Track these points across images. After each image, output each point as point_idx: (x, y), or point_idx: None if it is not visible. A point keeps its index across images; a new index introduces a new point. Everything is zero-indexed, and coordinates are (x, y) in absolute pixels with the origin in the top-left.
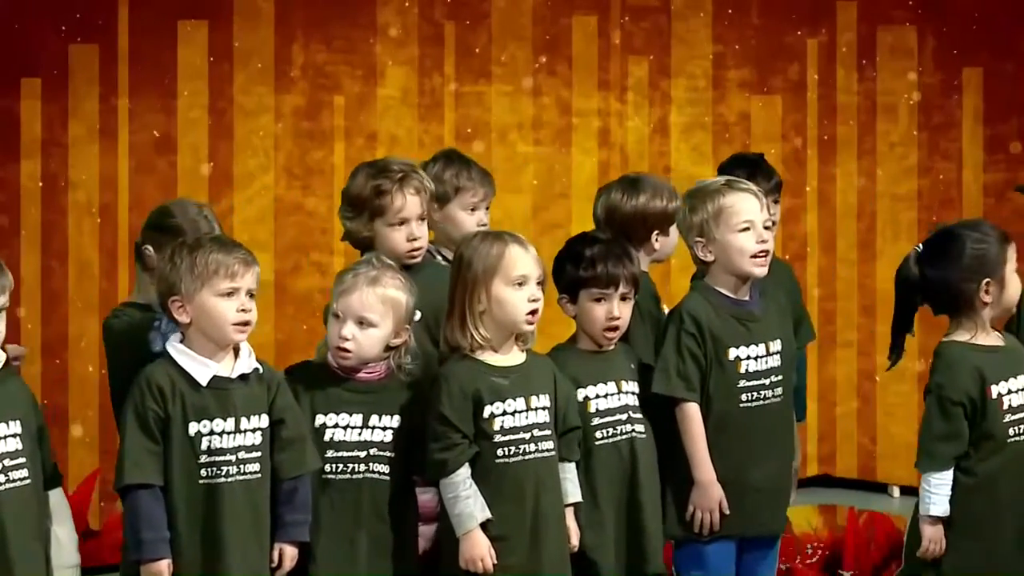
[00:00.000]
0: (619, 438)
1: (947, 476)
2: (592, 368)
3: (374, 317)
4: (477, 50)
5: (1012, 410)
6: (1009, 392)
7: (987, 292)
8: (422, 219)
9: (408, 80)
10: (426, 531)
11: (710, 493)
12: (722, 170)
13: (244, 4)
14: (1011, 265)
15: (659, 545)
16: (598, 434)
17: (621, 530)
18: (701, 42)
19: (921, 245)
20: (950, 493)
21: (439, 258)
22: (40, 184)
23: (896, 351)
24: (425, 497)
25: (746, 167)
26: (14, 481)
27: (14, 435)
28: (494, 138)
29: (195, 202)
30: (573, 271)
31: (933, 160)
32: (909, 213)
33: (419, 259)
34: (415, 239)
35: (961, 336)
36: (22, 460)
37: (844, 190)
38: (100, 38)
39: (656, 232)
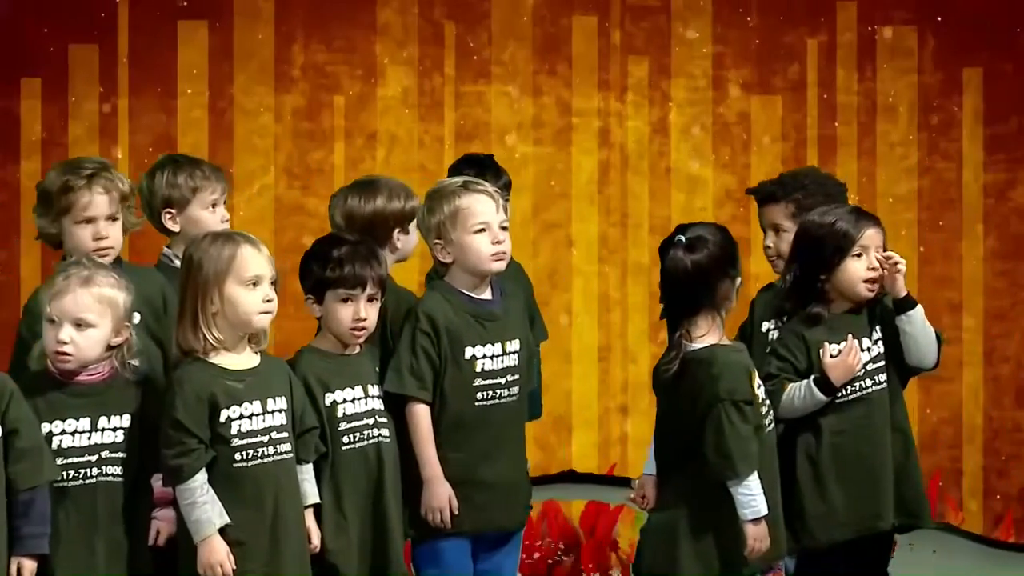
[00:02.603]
0: (366, 443)
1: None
2: (339, 372)
3: (91, 317)
4: (477, 50)
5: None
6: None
7: (735, 290)
8: (112, 219)
9: (408, 80)
10: (166, 514)
11: (438, 492)
12: (452, 169)
13: (244, 4)
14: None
15: (401, 547)
16: (345, 439)
17: (366, 534)
18: (701, 42)
19: (683, 237)
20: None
21: (177, 263)
22: None
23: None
24: (160, 483)
25: (475, 166)
26: None
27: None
28: (494, 138)
29: None
30: (320, 271)
31: (933, 160)
32: (909, 213)
33: (108, 259)
34: (101, 238)
35: (716, 337)
36: None
37: None
38: (100, 38)
39: (397, 231)
